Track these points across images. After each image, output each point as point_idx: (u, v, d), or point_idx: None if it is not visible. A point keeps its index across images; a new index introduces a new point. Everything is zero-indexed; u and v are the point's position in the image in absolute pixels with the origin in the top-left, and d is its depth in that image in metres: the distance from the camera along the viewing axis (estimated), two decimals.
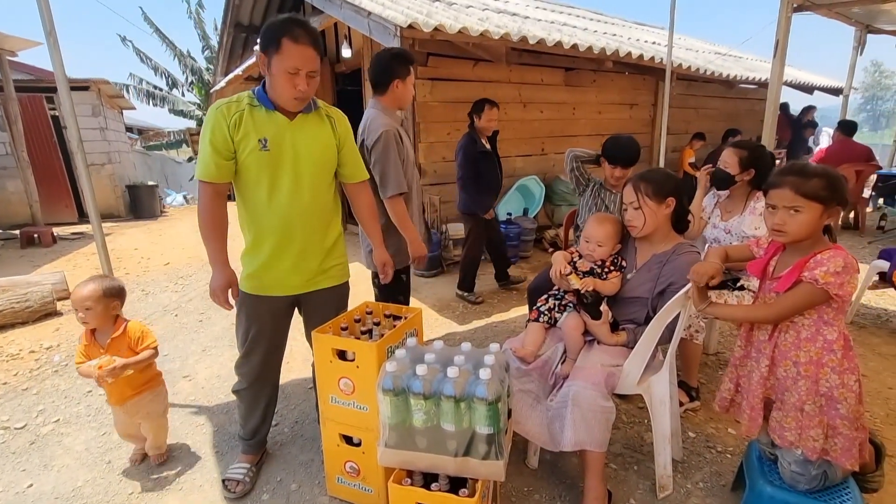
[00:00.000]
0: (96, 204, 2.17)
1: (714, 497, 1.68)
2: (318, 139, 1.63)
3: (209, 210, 1.58)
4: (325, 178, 1.67)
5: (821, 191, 1.26)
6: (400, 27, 3.32)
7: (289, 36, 1.44)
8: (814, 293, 1.25)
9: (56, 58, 1.97)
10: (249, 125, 1.53)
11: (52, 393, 2.50)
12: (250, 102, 1.55)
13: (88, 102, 7.67)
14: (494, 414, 1.27)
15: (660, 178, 1.68)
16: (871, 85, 38.01)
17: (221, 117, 1.50)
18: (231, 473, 1.78)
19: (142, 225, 7.53)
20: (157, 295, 4.05)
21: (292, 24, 1.46)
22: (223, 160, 1.54)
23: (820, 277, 1.22)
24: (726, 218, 2.30)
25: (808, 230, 1.29)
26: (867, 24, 5.17)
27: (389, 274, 1.93)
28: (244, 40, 7.25)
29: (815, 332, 1.30)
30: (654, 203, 1.65)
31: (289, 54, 1.45)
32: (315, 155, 1.61)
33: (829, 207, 1.27)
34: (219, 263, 1.60)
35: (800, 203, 1.27)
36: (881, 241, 4.92)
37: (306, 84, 1.50)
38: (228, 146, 1.52)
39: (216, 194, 1.58)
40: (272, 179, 1.58)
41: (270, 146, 1.55)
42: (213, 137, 1.51)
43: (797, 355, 1.32)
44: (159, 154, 14.72)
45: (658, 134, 6.06)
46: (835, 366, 1.29)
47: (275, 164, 1.57)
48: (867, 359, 2.65)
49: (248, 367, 1.77)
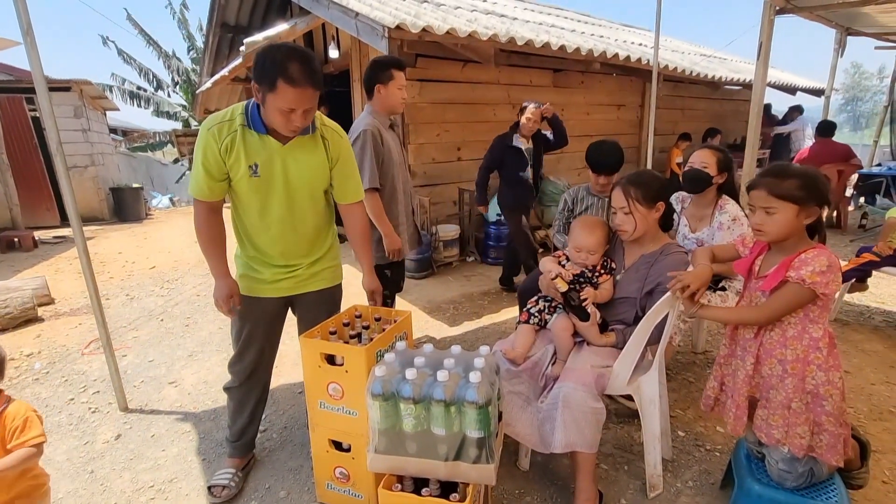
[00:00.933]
0: (77, 207, 2.12)
1: (703, 495, 1.69)
2: (310, 164, 1.58)
3: (205, 227, 1.60)
4: (316, 199, 1.65)
5: (795, 191, 1.27)
6: (388, 28, 3.30)
7: (284, 76, 1.33)
8: (801, 293, 1.27)
9: (34, 57, 1.92)
10: (241, 150, 1.49)
11: (32, 401, 2.41)
12: (242, 123, 1.49)
13: (70, 103, 7.52)
14: (484, 417, 1.26)
15: (650, 183, 1.68)
16: (852, 86, 38.82)
17: (213, 140, 1.47)
18: (216, 479, 1.75)
19: (126, 228, 7.39)
20: (143, 300, 3.97)
21: (290, 60, 1.34)
22: (215, 182, 1.53)
23: (806, 277, 1.24)
24: (695, 227, 2.22)
25: (786, 230, 1.30)
26: (847, 27, 5.27)
27: (378, 301, 1.86)
28: (230, 40, 7.15)
29: (802, 330, 1.32)
30: (645, 208, 1.65)
31: (284, 96, 1.36)
32: (306, 179, 1.58)
33: (805, 208, 1.28)
34: (220, 275, 1.62)
35: (773, 204, 1.29)
36: (862, 240, 5.02)
37: (302, 120, 1.44)
38: (221, 168, 1.51)
39: (211, 211, 1.60)
40: (262, 203, 1.58)
41: (261, 171, 1.53)
42: (204, 160, 1.50)
43: (783, 353, 1.34)
44: (145, 156, 14.49)
45: (645, 135, 6.12)
46: (821, 363, 1.30)
47: (265, 190, 1.56)
48: (850, 355, 2.69)
49: (241, 366, 1.77)
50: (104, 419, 2.27)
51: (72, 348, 3.05)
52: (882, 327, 3.08)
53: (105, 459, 1.98)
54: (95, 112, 8.58)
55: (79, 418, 2.28)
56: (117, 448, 2.05)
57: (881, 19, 4.82)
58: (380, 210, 2.17)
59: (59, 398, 2.46)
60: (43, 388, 2.56)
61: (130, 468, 1.92)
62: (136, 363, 2.83)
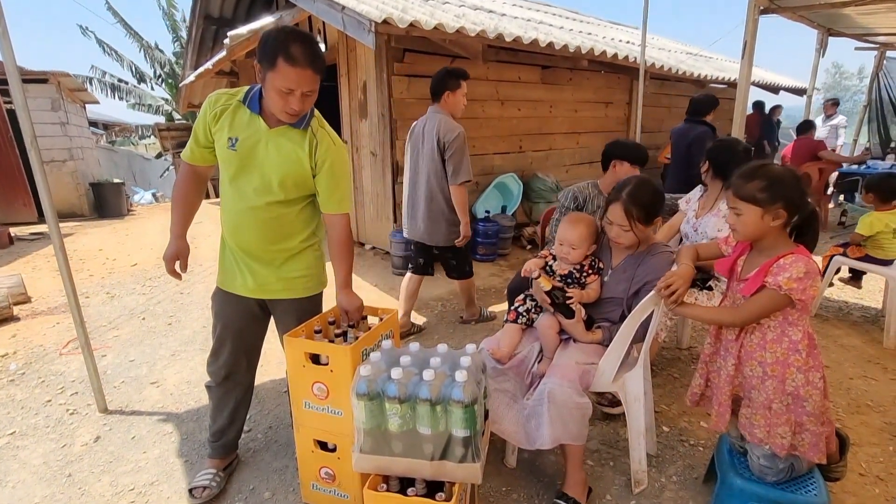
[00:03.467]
0: (52, 202, 2.06)
1: (687, 490, 1.72)
2: (289, 156, 1.54)
3: (179, 185, 1.69)
4: (291, 192, 1.59)
5: (757, 193, 1.28)
6: (375, 22, 3.26)
7: (284, 55, 1.35)
8: (777, 298, 1.28)
9: (6, 47, 1.85)
10: (227, 122, 1.53)
11: (6, 403, 2.36)
12: (240, 99, 1.54)
13: (47, 96, 7.30)
14: (471, 416, 1.26)
15: (651, 203, 1.65)
16: (832, 86, 39.59)
17: (209, 107, 1.55)
18: (197, 481, 1.72)
19: (107, 224, 7.22)
20: (123, 298, 3.89)
21: (291, 41, 1.36)
22: (199, 147, 1.60)
23: (783, 283, 1.25)
24: (699, 214, 2.34)
25: (754, 231, 1.33)
26: (828, 28, 5.37)
27: (355, 318, 1.71)
28: (214, 33, 7.01)
29: (781, 333, 1.34)
30: (644, 226, 1.66)
31: (283, 75, 1.36)
32: (282, 169, 1.54)
33: (769, 210, 1.28)
34: (175, 235, 1.70)
35: (738, 205, 1.32)
36: (842, 237, 5.14)
37: (300, 103, 1.42)
38: (206, 135, 1.57)
39: (192, 173, 1.68)
40: (234, 178, 1.57)
41: (238, 147, 1.52)
42: (197, 123, 1.57)
43: (762, 356, 1.35)
44: (126, 150, 14.18)
45: (633, 132, 6.16)
46: (800, 365, 1.32)
47: (239, 165, 1.55)
48: (829, 350, 2.76)
49: (216, 367, 1.74)
50: (83, 421, 2.21)
51: (49, 348, 2.96)
52: (860, 322, 3.15)
53: (83, 462, 1.93)
54: (74, 105, 8.35)
55: (56, 420, 2.22)
56: (96, 451, 2.00)
57: (861, 21, 4.91)
58: (466, 200, 2.70)
59: (35, 400, 2.39)
60: (18, 390, 2.49)
61: (110, 471, 1.88)
62: (116, 363, 2.76)
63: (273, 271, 1.65)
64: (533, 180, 5.31)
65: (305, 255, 1.70)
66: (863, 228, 2.89)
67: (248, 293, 1.66)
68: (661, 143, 6.79)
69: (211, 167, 1.70)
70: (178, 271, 1.71)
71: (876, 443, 1.96)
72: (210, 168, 1.70)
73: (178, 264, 1.71)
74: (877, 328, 3.03)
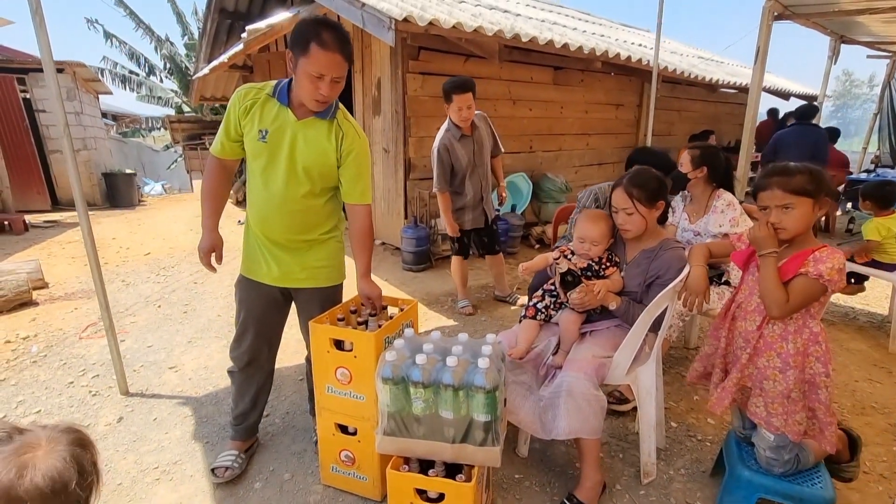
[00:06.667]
0: (82, 190, 2.13)
1: (695, 482, 1.76)
2: (317, 147, 1.60)
3: (209, 179, 1.73)
4: (317, 183, 1.65)
5: (807, 185, 1.32)
6: (395, 20, 3.31)
7: (317, 41, 1.41)
8: (815, 287, 1.31)
9: (42, 38, 1.90)
10: (257, 115, 1.58)
11: (31, 384, 2.43)
12: (269, 92, 1.59)
13: (63, 85, 7.36)
14: (492, 402, 1.31)
15: (651, 183, 1.70)
16: (843, 93, 39.43)
17: (238, 101, 1.58)
18: (219, 461, 1.78)
19: (119, 214, 7.31)
20: (139, 286, 3.96)
21: (323, 27, 1.43)
22: (229, 141, 1.65)
23: (825, 272, 1.29)
24: (693, 220, 2.41)
25: (806, 223, 1.35)
26: (841, 35, 5.38)
27: (377, 306, 1.76)
28: (229, 27, 7.08)
29: (802, 324, 1.38)
30: (646, 208, 1.70)
31: (315, 59, 1.42)
32: (310, 159, 1.60)
33: (819, 199, 1.33)
34: (207, 228, 1.73)
35: (790, 200, 1.33)
36: (849, 243, 5.16)
37: (329, 89, 1.48)
38: (237, 129, 1.62)
39: (220, 167, 1.72)
40: (264, 170, 1.62)
41: (269, 139, 1.57)
42: (226, 118, 1.62)
43: (782, 346, 1.39)
44: (136, 142, 14.28)
45: (643, 135, 6.19)
46: (820, 355, 1.36)
47: (269, 157, 1.60)
48: (836, 353, 2.79)
49: (239, 352, 1.79)
50: (105, 402, 2.28)
51: (69, 332, 3.04)
52: (866, 327, 3.18)
53: (108, 441, 1.99)
54: (88, 95, 8.44)
55: (79, 401, 2.29)
56: (120, 430, 2.07)
57: (875, 28, 4.92)
58: (443, 206, 3.11)
59: (58, 381, 2.46)
60: (41, 371, 2.56)
61: (134, 450, 1.94)
62: (134, 348, 2.83)
63: (297, 260, 1.71)
64: (542, 180, 5.34)
65: (329, 245, 1.76)
66: (872, 234, 2.93)
67: (273, 281, 1.72)
68: (671, 147, 6.81)
69: (237, 161, 1.75)
70: (213, 264, 1.75)
71: (880, 443, 2.00)
72: (236, 162, 1.75)
73: (213, 256, 1.74)
74: (882, 333, 3.06)
